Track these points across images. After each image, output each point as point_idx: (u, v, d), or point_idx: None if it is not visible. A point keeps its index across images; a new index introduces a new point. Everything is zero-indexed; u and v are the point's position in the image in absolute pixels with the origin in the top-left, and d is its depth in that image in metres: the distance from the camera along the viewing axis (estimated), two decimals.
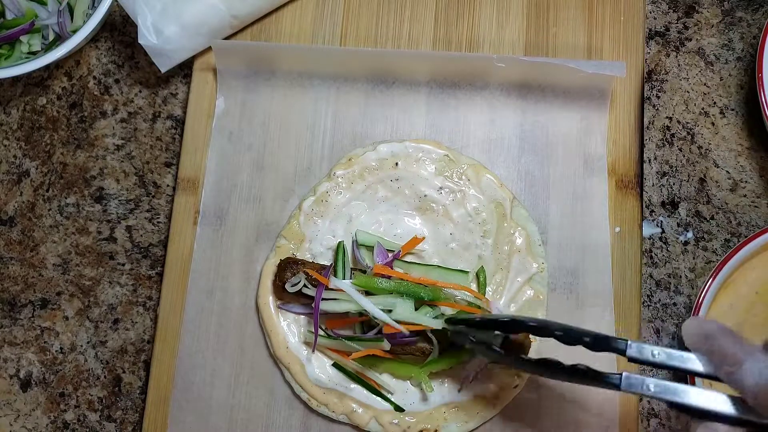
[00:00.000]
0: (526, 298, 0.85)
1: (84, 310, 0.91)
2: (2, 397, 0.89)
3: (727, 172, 0.90)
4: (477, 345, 0.74)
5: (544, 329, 0.68)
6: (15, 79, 0.97)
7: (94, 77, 0.97)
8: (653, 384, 0.62)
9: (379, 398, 0.83)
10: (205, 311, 0.87)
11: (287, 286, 0.82)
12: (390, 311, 0.78)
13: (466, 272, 0.84)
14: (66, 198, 0.94)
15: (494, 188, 0.87)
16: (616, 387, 0.64)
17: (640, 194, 0.88)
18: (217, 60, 0.91)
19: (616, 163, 0.89)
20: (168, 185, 0.93)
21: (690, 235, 0.89)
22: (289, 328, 0.85)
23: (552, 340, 0.68)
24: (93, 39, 0.97)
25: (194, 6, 0.89)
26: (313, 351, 0.83)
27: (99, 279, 0.91)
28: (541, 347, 0.82)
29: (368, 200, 0.88)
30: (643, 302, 0.87)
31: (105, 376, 0.89)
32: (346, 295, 0.80)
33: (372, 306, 0.78)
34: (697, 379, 0.70)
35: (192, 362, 0.86)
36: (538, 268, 0.86)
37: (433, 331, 0.79)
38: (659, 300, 0.87)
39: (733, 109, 0.92)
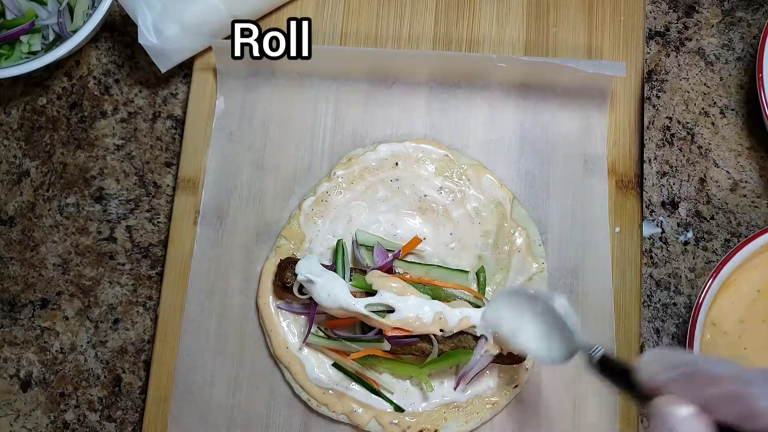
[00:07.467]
0: None
1: (84, 310, 0.91)
2: (2, 397, 0.89)
3: (727, 172, 0.90)
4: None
5: None
6: (15, 79, 0.97)
7: (94, 77, 0.97)
8: None
9: (379, 398, 0.83)
10: (205, 311, 0.87)
11: (294, 288, 0.81)
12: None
13: (467, 272, 0.84)
14: (66, 198, 0.94)
15: (494, 188, 0.87)
16: None
17: (640, 194, 0.88)
18: (217, 60, 0.91)
19: (616, 163, 0.89)
20: (168, 185, 0.93)
21: (690, 235, 0.89)
22: (289, 328, 0.85)
23: None
24: (93, 39, 0.97)
25: (194, 6, 0.89)
26: (304, 341, 0.83)
27: (99, 279, 0.91)
28: None
29: (368, 200, 0.88)
30: (643, 302, 0.87)
31: (105, 376, 0.89)
32: None
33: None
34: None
35: (192, 362, 0.86)
36: (538, 268, 0.86)
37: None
38: (659, 300, 0.87)
39: (733, 109, 0.92)
